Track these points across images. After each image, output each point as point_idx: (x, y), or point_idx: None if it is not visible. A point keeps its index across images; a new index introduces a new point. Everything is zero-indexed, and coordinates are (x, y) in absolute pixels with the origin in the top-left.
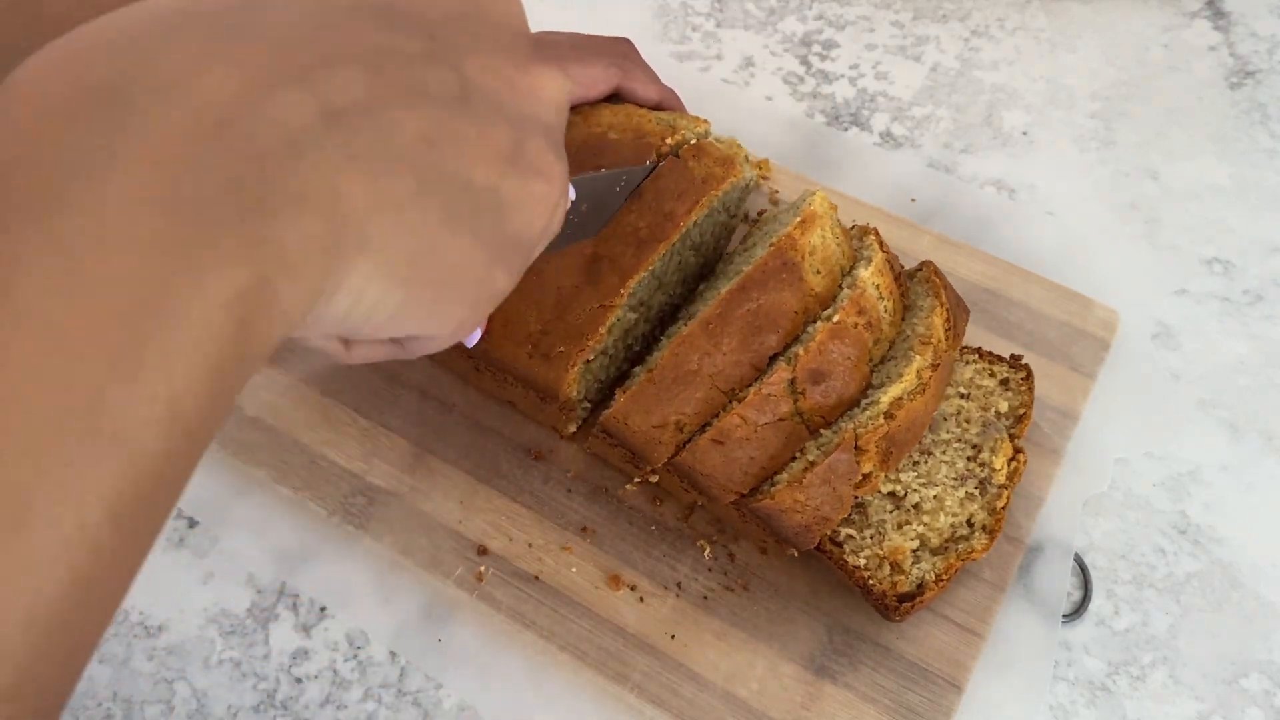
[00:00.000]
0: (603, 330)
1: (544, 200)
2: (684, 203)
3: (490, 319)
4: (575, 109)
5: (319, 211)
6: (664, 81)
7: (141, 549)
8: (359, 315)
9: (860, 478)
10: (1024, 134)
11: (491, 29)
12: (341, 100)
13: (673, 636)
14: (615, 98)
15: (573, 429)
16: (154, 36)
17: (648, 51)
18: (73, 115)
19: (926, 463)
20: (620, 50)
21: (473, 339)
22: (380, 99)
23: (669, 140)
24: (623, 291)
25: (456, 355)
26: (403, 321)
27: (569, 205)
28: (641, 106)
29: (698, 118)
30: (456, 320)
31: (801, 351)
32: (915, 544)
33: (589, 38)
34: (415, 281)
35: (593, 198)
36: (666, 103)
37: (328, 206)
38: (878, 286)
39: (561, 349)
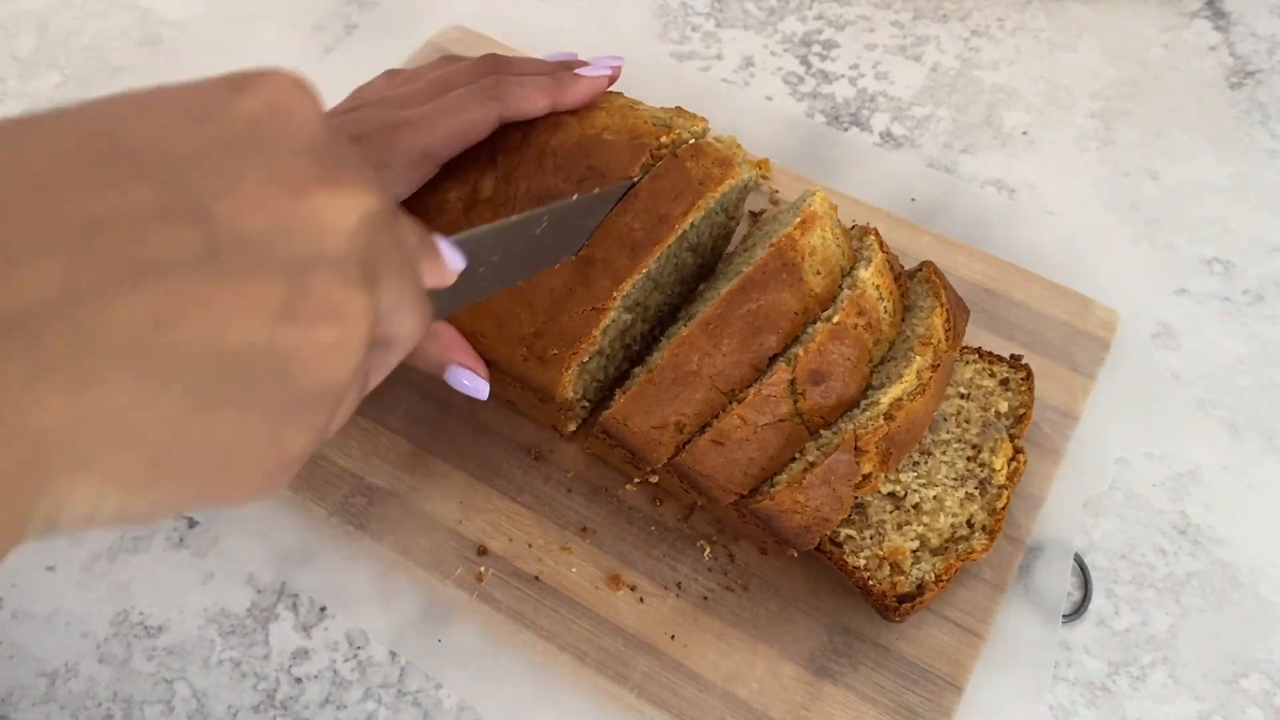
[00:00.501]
0: (596, 333)
1: (340, 346)
2: (680, 204)
3: (483, 320)
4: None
5: (8, 439)
6: (666, 81)
7: None
8: (108, 518)
9: (860, 478)
10: (1024, 134)
11: (262, 153)
12: (26, 302)
13: (673, 637)
14: (610, 99)
15: (573, 428)
16: None
17: (648, 51)
18: None
19: (926, 463)
20: (486, 71)
21: (482, 391)
22: (83, 290)
23: (664, 139)
24: (615, 294)
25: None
26: (169, 512)
27: (456, 276)
28: (538, 116)
29: (695, 115)
30: (247, 494)
31: (801, 352)
32: (915, 544)
33: (452, 72)
34: (168, 478)
35: (563, 225)
36: (561, 100)
37: (11, 433)
38: (878, 287)
39: (555, 351)
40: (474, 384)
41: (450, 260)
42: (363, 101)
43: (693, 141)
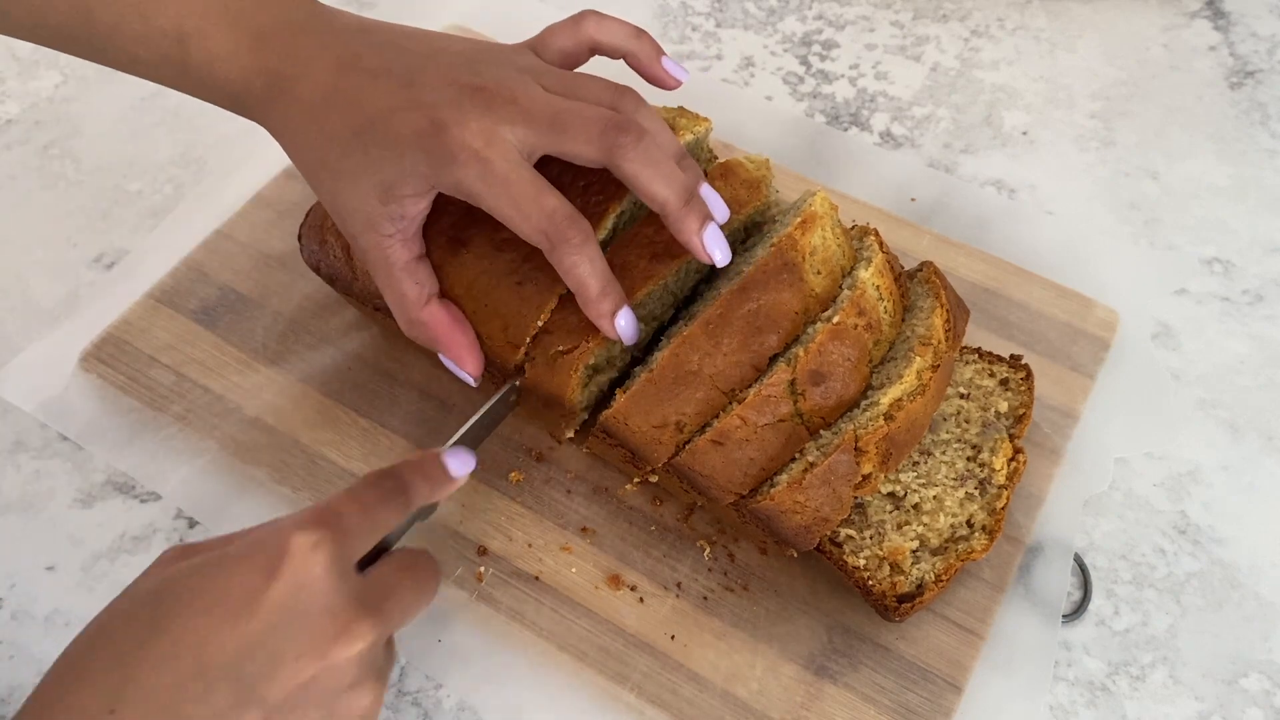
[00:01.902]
0: (600, 337)
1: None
2: None
3: (490, 323)
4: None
5: None
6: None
7: None
8: None
9: (860, 479)
10: (1024, 134)
11: (293, 633)
12: None
13: (673, 637)
14: None
15: (570, 434)
16: None
17: None
18: None
19: (926, 463)
20: (616, 122)
21: (470, 381)
22: None
23: None
24: (636, 294)
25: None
26: None
27: (464, 480)
28: (617, 55)
29: (698, 115)
30: None
31: (802, 352)
32: (915, 544)
33: (588, 84)
34: None
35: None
36: (640, 54)
37: None
38: (878, 287)
39: (561, 348)
40: (464, 376)
41: (456, 469)
42: (514, 67)
43: (723, 160)
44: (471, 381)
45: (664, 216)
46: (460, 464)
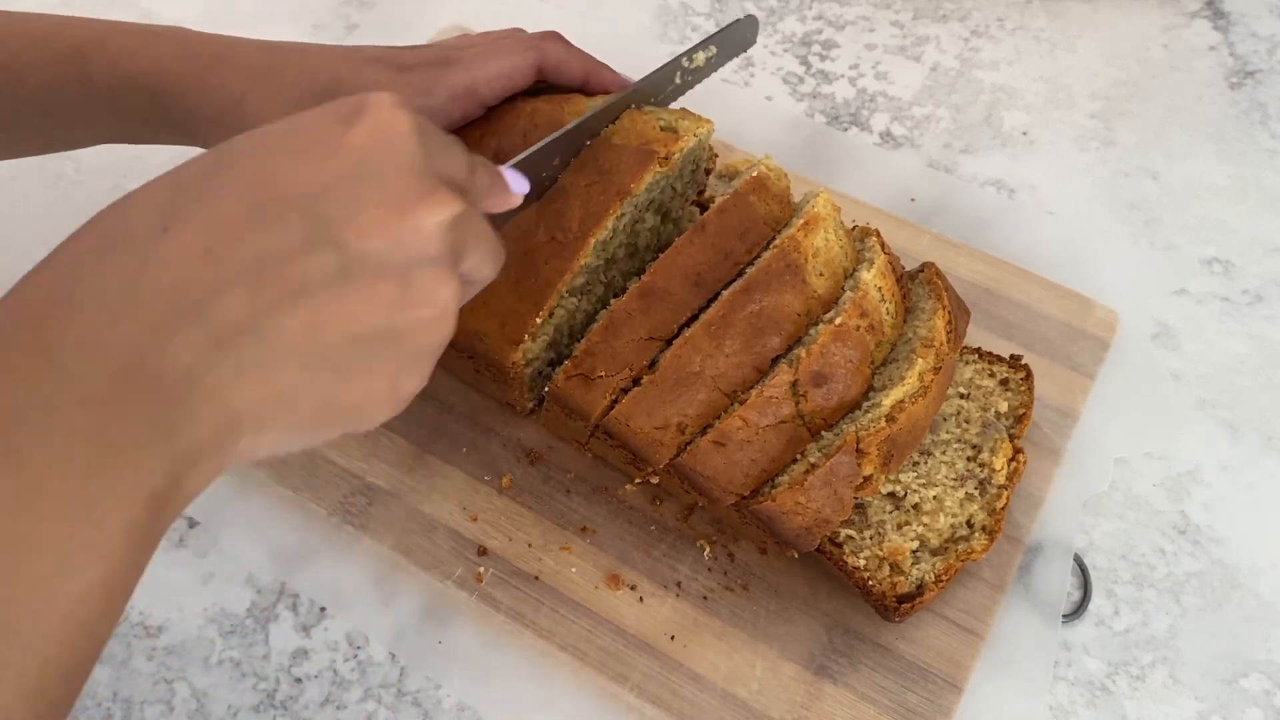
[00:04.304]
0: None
1: (438, 319)
2: (745, 242)
3: (488, 321)
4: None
5: (215, 419)
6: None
7: (85, 666)
8: (268, 454)
9: (861, 480)
10: (1024, 134)
11: (375, 180)
12: (226, 324)
13: (672, 637)
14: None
15: (530, 405)
16: (68, 304)
17: (648, 52)
18: (8, 372)
19: (926, 463)
20: (541, 34)
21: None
22: (261, 311)
23: (675, 148)
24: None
25: (456, 356)
26: (319, 443)
27: (522, 198)
28: (570, 84)
29: (700, 118)
30: (375, 423)
31: (804, 354)
32: (915, 544)
33: (512, 31)
34: (319, 426)
35: (541, 166)
36: (595, 75)
37: (222, 414)
38: (880, 289)
39: (603, 373)
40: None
41: (516, 186)
42: (425, 46)
43: (755, 174)
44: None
45: (588, 84)
46: (518, 182)
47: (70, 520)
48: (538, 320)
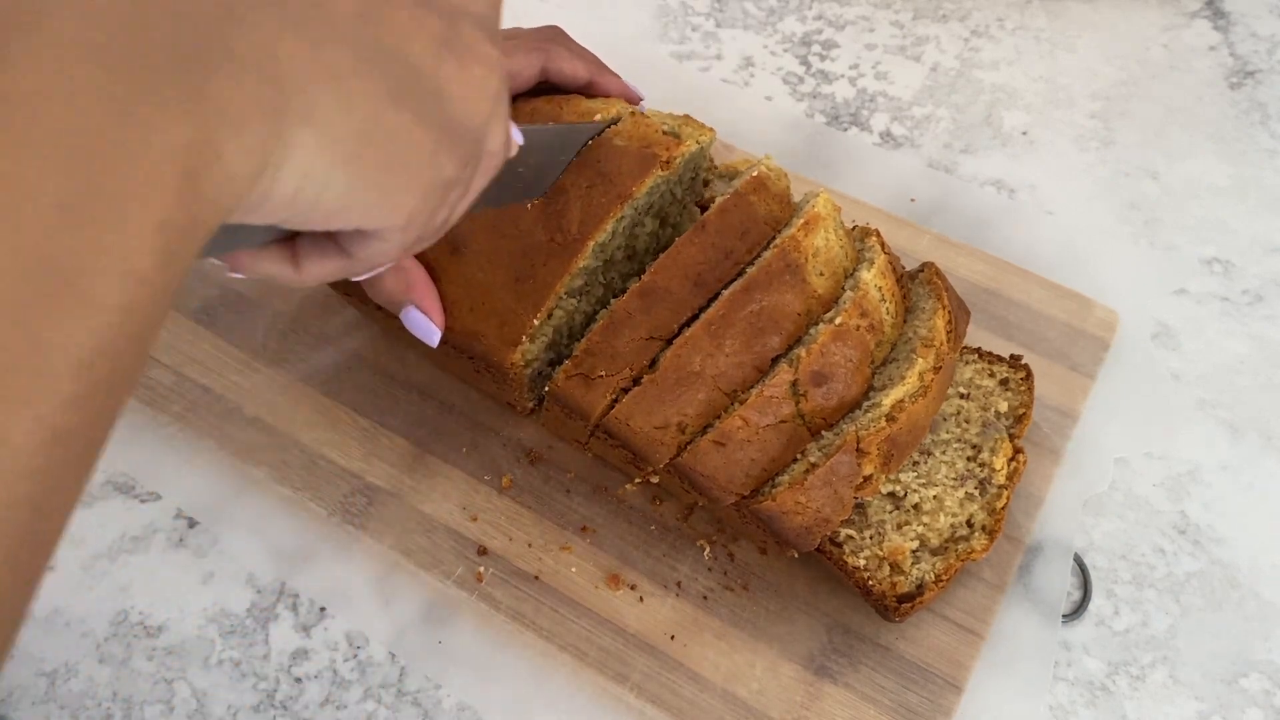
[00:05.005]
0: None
1: (484, 85)
2: (745, 242)
3: (486, 321)
4: (568, 105)
5: (258, 71)
6: (666, 81)
7: (112, 406)
8: (308, 196)
9: (861, 480)
10: (1024, 134)
11: None
12: None
13: (672, 637)
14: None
15: (530, 405)
16: None
17: (648, 51)
18: None
19: (926, 463)
20: (546, 35)
21: (433, 337)
22: None
23: (677, 152)
24: (674, 326)
25: (455, 356)
26: (351, 206)
27: (516, 152)
28: (572, 86)
29: (702, 125)
30: (406, 210)
31: (804, 353)
32: (915, 544)
33: (515, 31)
34: (362, 159)
35: (539, 153)
36: (598, 79)
37: (267, 67)
38: (880, 289)
39: (603, 373)
40: (426, 329)
41: (514, 135)
42: None
43: (755, 174)
44: (436, 337)
45: (592, 87)
46: (516, 133)
47: (71, 175)
48: (535, 321)
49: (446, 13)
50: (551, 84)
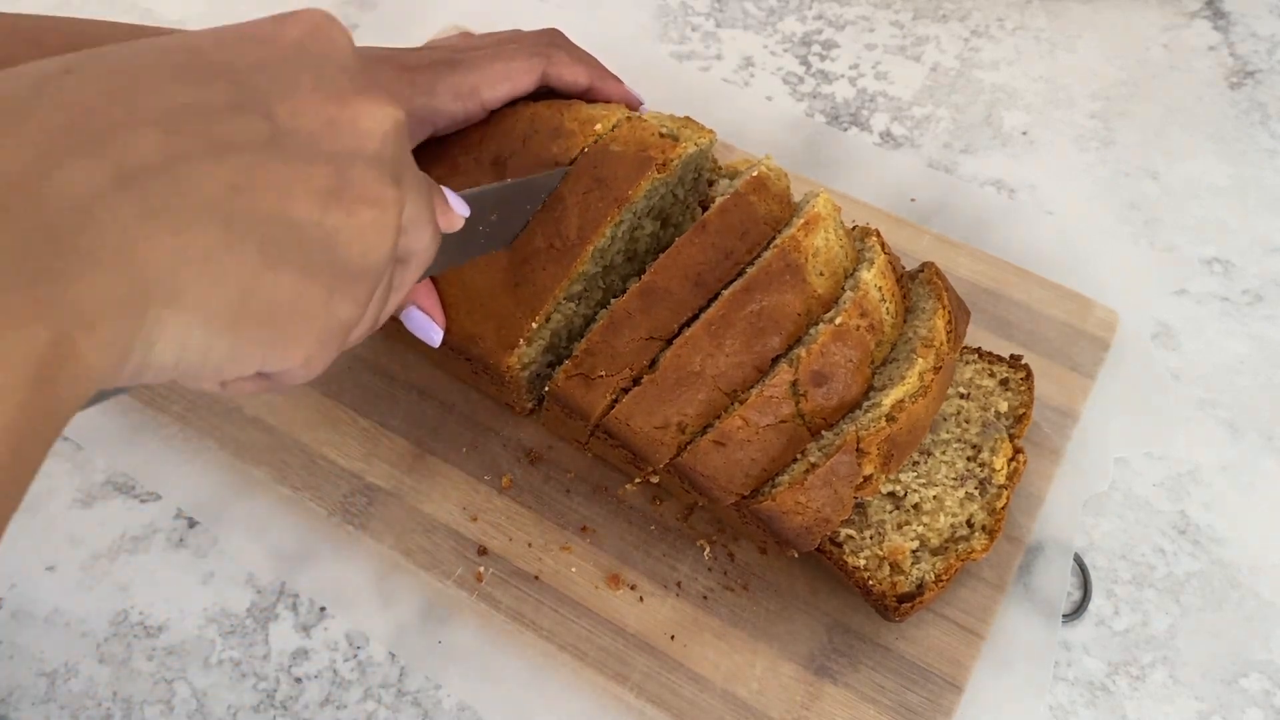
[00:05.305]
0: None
1: (377, 228)
2: (745, 242)
3: (484, 324)
4: (569, 111)
5: (115, 269)
6: (666, 81)
7: None
8: (191, 361)
9: (862, 480)
10: (1024, 134)
11: (310, 68)
12: (135, 162)
13: (672, 637)
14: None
15: (529, 405)
16: None
17: (648, 51)
18: None
19: (926, 463)
20: (545, 40)
21: (434, 337)
22: (177, 156)
23: (673, 154)
24: (674, 326)
25: (454, 357)
26: (243, 363)
27: (461, 224)
28: (572, 92)
29: (702, 127)
30: (302, 356)
31: (804, 353)
32: (915, 544)
33: (515, 33)
34: (243, 324)
35: (502, 207)
36: (599, 85)
37: (126, 262)
38: (880, 289)
39: (603, 373)
40: (427, 329)
41: (458, 206)
42: (430, 48)
43: (755, 174)
44: (438, 338)
45: (592, 92)
46: (459, 204)
47: None
48: (533, 326)
49: (334, 160)
50: (552, 88)
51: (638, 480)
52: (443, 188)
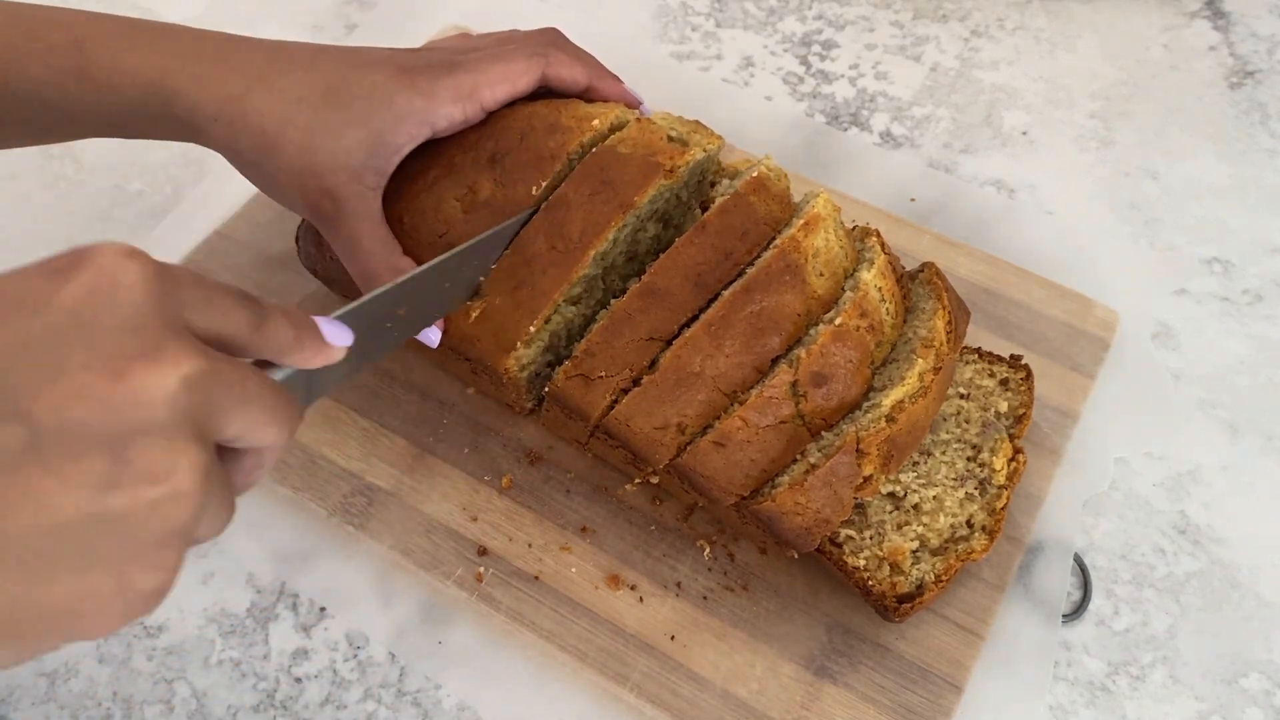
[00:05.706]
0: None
1: (170, 498)
2: (745, 242)
3: (481, 325)
4: (566, 109)
5: None
6: (666, 81)
7: None
8: None
9: (861, 480)
10: (1024, 134)
11: (81, 342)
12: None
13: (672, 637)
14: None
15: (529, 405)
16: None
17: (648, 51)
18: None
19: (926, 463)
20: (545, 40)
21: (433, 338)
22: None
23: (681, 160)
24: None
25: (454, 358)
26: (34, 654)
27: (344, 353)
28: (572, 92)
29: (711, 132)
30: (109, 628)
31: (804, 354)
32: (915, 545)
33: (513, 34)
34: (21, 637)
35: (420, 293)
36: (598, 84)
37: None
38: (880, 289)
39: (603, 374)
40: (426, 330)
41: (336, 339)
42: (429, 49)
43: (755, 174)
44: (437, 338)
45: (592, 91)
46: (338, 334)
47: None
48: (532, 328)
49: (109, 444)
50: (551, 89)
51: (638, 481)
52: (316, 320)
